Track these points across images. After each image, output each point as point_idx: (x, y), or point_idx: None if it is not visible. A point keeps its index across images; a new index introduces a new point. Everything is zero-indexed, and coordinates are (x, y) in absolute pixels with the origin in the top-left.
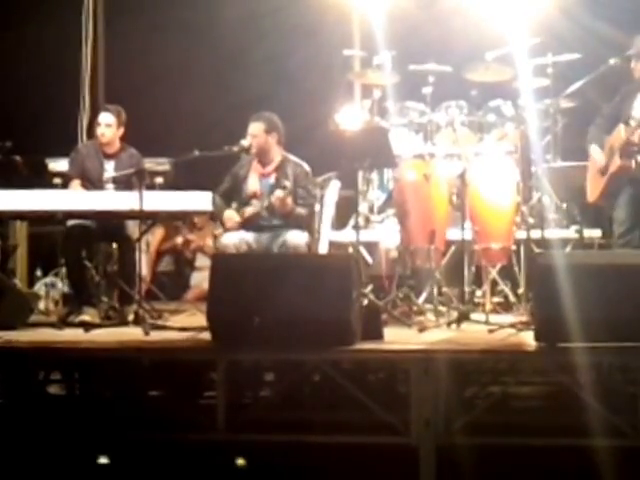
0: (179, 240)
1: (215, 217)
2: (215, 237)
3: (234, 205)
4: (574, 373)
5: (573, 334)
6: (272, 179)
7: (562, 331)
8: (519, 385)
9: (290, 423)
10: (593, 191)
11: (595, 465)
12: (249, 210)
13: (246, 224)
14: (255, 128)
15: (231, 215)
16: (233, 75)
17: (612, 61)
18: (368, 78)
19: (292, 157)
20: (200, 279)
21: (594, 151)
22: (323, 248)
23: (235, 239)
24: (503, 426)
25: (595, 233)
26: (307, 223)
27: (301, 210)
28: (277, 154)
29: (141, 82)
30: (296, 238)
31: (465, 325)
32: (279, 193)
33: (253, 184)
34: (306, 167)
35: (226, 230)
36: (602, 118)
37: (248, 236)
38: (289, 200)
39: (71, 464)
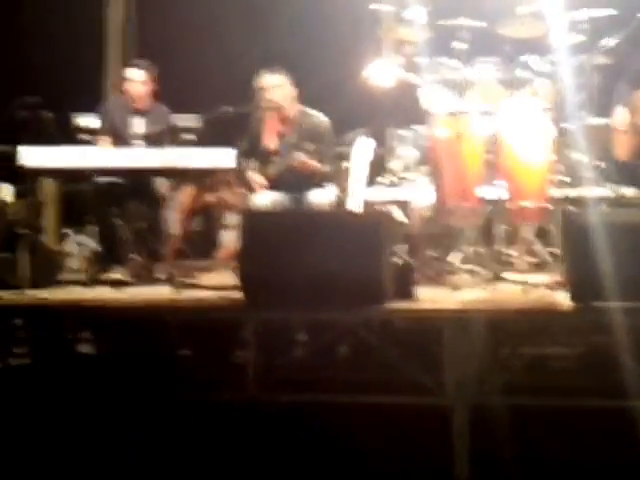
0: (210, 198)
1: (240, 177)
2: (245, 197)
3: (255, 164)
4: (610, 333)
5: (609, 294)
6: (290, 139)
7: (597, 291)
8: (554, 346)
9: (321, 383)
10: (622, 148)
11: (631, 427)
12: (271, 170)
13: (271, 184)
14: (278, 79)
15: (255, 179)
16: (262, 30)
17: None
18: (398, 33)
19: (310, 111)
20: (230, 237)
21: (618, 111)
22: (358, 207)
23: (267, 200)
24: (537, 387)
25: (631, 191)
26: (334, 179)
27: (323, 167)
28: (294, 110)
29: (171, 37)
30: (319, 197)
31: (499, 285)
32: (299, 156)
33: (271, 142)
34: (325, 120)
35: (253, 191)
36: (631, 72)
37: (277, 196)
38: (310, 160)
39: (100, 424)
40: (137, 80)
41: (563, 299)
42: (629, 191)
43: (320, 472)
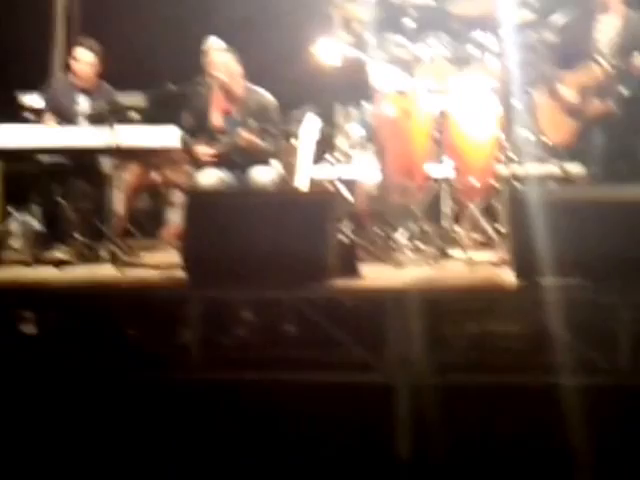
0: (155, 176)
1: (187, 152)
2: (189, 175)
3: (200, 141)
4: (553, 310)
5: (552, 271)
6: (236, 116)
7: (542, 268)
8: (497, 323)
9: (266, 361)
10: (561, 132)
11: (574, 403)
12: (217, 148)
13: (216, 160)
14: (225, 57)
15: (203, 150)
16: (208, 6)
17: None
18: (347, 10)
19: (256, 88)
20: (175, 215)
21: (565, 91)
22: (303, 184)
23: (211, 178)
24: (480, 365)
25: (579, 168)
26: (277, 157)
27: (268, 144)
28: (240, 87)
29: (114, 14)
30: (261, 175)
31: (444, 262)
32: (244, 133)
33: (217, 120)
34: (271, 98)
35: (201, 165)
36: (553, 50)
37: (222, 174)
38: (254, 138)
39: (44, 404)
40: (85, 60)
41: (508, 276)
42: (575, 168)
43: (264, 450)
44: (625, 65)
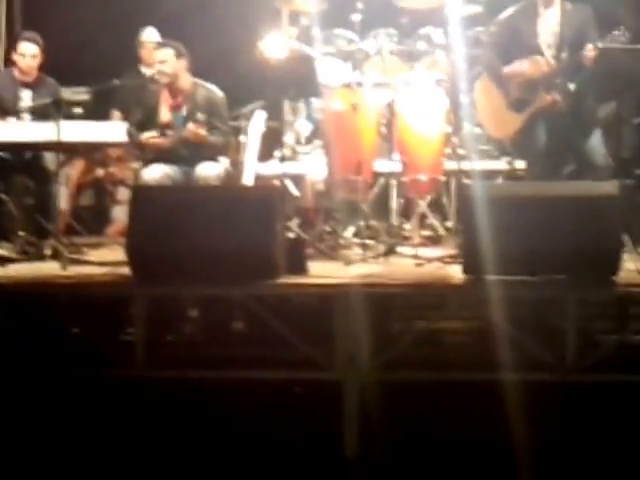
0: (100, 173)
1: (134, 147)
2: (135, 171)
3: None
4: (502, 307)
5: (501, 267)
6: (184, 111)
7: (490, 264)
8: (446, 320)
9: (212, 359)
10: (504, 127)
11: (520, 399)
12: (164, 143)
13: (164, 155)
14: (164, 54)
15: (150, 134)
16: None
17: None
18: (295, 5)
19: (204, 83)
20: (121, 213)
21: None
22: (249, 180)
23: (157, 174)
24: (429, 361)
25: (523, 164)
26: (225, 153)
27: (216, 139)
28: (187, 82)
29: (56, 6)
30: (207, 170)
31: (392, 259)
32: (191, 126)
33: (165, 116)
34: (219, 93)
35: (148, 158)
36: (496, 44)
37: (168, 169)
38: (202, 131)
39: None
40: (29, 54)
41: (456, 273)
42: (524, 164)
43: (210, 449)
44: (573, 58)
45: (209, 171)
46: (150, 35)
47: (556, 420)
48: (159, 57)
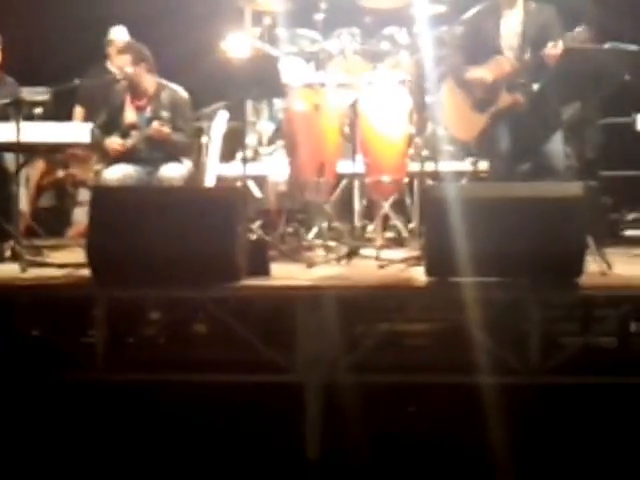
0: (61, 174)
1: (97, 147)
2: (97, 172)
3: (114, 137)
4: (465, 309)
5: (464, 269)
6: (148, 112)
7: (453, 266)
8: (409, 322)
9: (173, 362)
10: (469, 128)
11: (484, 403)
12: (129, 142)
13: (127, 155)
14: (120, 61)
15: (112, 141)
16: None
17: None
18: (258, 4)
19: (168, 84)
20: (82, 215)
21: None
22: (210, 181)
23: (118, 173)
24: (392, 364)
25: (487, 165)
26: (189, 153)
27: (180, 138)
28: (150, 83)
29: (18, 7)
30: (170, 171)
31: (355, 261)
32: (155, 124)
33: (130, 116)
34: (183, 93)
35: (111, 160)
36: (460, 46)
37: (131, 169)
38: (166, 129)
39: None
40: None
41: (419, 275)
42: (485, 165)
43: (172, 451)
44: (535, 58)
45: (173, 172)
46: (118, 34)
47: (521, 422)
48: (118, 63)
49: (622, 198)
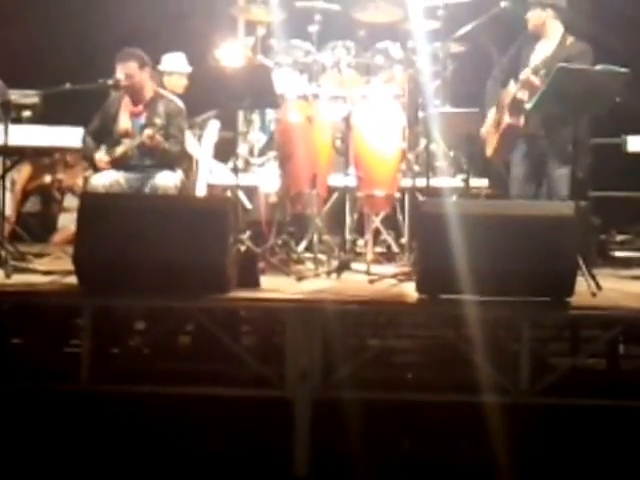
0: (47, 179)
1: (86, 157)
2: (85, 178)
3: (104, 146)
4: (456, 326)
5: (456, 286)
6: (143, 118)
7: (444, 283)
8: (399, 338)
9: (160, 374)
10: (490, 147)
11: (475, 421)
12: (119, 150)
13: (117, 163)
14: (128, 68)
15: (101, 157)
16: (111, 7)
17: (503, 4)
18: (252, 14)
19: (165, 93)
20: (68, 221)
21: (490, 112)
22: (201, 191)
23: (106, 180)
24: (382, 380)
25: (482, 183)
26: (181, 163)
27: (172, 147)
28: (149, 91)
29: (10, 10)
30: (165, 179)
31: (345, 275)
32: (148, 130)
33: (124, 123)
34: (179, 103)
35: (97, 171)
36: (499, 71)
37: (119, 176)
38: (158, 136)
39: None
40: None
41: (410, 291)
42: (481, 182)
43: (155, 466)
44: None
45: (167, 180)
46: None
47: (509, 442)
48: (124, 71)
49: (611, 219)
